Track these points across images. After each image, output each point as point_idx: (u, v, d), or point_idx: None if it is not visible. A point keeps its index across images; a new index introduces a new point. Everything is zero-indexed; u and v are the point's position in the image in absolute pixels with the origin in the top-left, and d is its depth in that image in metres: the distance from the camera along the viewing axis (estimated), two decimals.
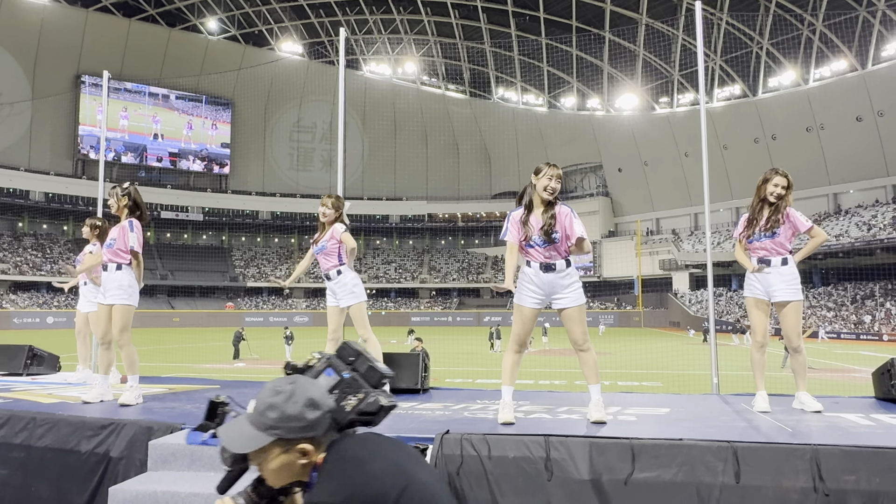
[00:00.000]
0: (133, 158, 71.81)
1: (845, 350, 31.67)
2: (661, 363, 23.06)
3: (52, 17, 61.98)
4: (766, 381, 5.04)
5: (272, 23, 69.36)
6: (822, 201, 56.37)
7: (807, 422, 4.32)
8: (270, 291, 72.84)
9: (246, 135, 75.92)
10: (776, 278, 4.86)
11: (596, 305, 69.03)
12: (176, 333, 45.06)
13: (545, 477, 3.49)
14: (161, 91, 72.47)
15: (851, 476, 3.25)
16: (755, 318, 4.98)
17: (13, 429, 4.34)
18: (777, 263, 4.87)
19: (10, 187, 63.50)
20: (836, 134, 53.57)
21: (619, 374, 19.07)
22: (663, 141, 64.35)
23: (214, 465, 3.63)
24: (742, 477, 3.33)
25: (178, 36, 68.61)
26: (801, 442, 3.45)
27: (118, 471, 3.94)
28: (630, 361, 24.11)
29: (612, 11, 57.63)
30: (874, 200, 53.58)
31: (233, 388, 6.44)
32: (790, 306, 4.82)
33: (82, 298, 7.29)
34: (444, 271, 77.09)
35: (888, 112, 50.21)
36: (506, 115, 73.46)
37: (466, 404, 5.19)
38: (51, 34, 62.71)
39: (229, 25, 69.42)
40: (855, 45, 49.88)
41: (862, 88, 50.70)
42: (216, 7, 66.68)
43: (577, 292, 4.38)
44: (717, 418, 4.48)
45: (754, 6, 51.67)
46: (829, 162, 54.80)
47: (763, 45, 54.58)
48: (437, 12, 65.46)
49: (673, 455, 3.43)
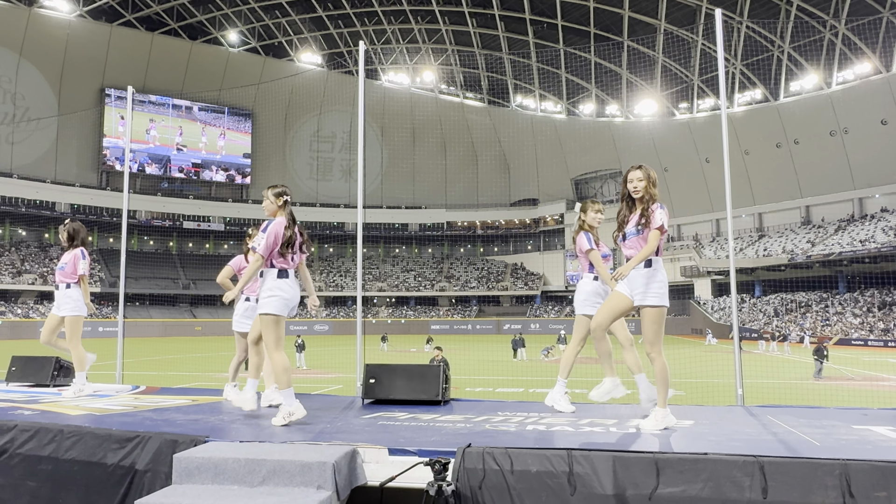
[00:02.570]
0: (157, 170, 72.86)
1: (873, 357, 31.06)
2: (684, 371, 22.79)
3: (77, 33, 63.25)
4: (797, 392, 4.98)
5: (292, 34, 70.10)
6: (847, 206, 55.49)
7: (835, 435, 4.24)
8: None
9: (266, 145, 76.68)
10: (639, 280, 4.56)
11: None
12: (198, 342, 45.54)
13: (568, 492, 3.47)
14: (184, 103, 73.53)
15: (883, 492, 3.19)
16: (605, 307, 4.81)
17: (41, 441, 4.40)
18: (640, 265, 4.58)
19: (36, 199, 64.77)
20: (860, 138, 52.75)
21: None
22: (683, 147, 63.83)
23: (238, 479, 3.65)
24: (769, 493, 3.28)
25: (200, 49, 69.62)
26: (830, 457, 3.39)
27: (143, 484, 3.98)
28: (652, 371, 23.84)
29: (631, 18, 57.41)
30: None
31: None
32: (645, 312, 4.54)
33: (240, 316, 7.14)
34: (464, 279, 77.02)
35: None
36: (524, 122, 73.41)
37: (488, 416, 5.18)
38: (76, 49, 63.99)
39: (249, 38, 70.29)
40: (879, 48, 49.15)
41: (887, 91, 49.91)
42: (237, 20, 67.58)
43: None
44: (742, 431, 4.42)
45: (775, 10, 51.16)
46: (853, 166, 53.96)
47: (784, 49, 53.99)
48: (455, 21, 65.72)
49: (698, 470, 3.39)
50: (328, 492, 3.52)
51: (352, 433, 4.48)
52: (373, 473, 3.84)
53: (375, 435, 4.40)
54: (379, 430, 4.64)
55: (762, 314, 53.46)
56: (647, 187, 4.63)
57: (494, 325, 67.31)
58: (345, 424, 4.88)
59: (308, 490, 3.53)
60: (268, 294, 5.06)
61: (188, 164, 74.81)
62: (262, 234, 5.20)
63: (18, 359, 8.00)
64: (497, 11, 62.01)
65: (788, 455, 3.50)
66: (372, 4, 63.52)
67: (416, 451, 3.86)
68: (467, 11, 63.25)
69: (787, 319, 50.06)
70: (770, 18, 51.49)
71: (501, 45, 66.85)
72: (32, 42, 61.39)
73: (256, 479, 3.64)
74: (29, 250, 64.23)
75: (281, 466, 3.64)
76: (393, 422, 4.98)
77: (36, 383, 7.48)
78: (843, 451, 3.60)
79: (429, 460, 3.48)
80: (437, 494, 3.34)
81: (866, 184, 54.00)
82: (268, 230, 5.20)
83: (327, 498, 3.48)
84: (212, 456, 3.76)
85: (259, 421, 5.07)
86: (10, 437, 4.49)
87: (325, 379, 20.55)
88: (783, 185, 58.34)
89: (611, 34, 59.60)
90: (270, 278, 5.13)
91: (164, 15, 65.60)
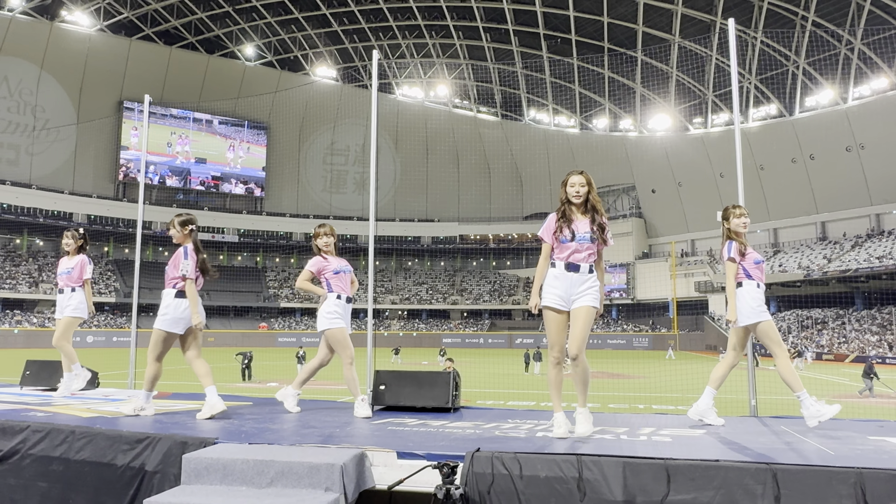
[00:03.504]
0: (177, 182, 73.65)
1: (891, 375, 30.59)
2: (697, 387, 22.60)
3: (97, 46, 64.29)
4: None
5: (307, 48, 70.83)
6: (864, 222, 54.96)
7: (850, 444, 4.18)
8: (303, 312, 73.46)
9: (281, 158, 77.32)
10: (581, 285, 4.48)
11: (630, 328, 68.06)
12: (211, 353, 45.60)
13: (577, 497, 3.44)
14: (204, 116, 74.42)
15: None
16: (551, 331, 4.58)
17: (53, 442, 4.43)
18: (585, 270, 4.51)
19: (54, 209, 65.57)
20: (877, 153, 52.34)
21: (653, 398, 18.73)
22: (697, 161, 63.62)
23: (246, 480, 3.65)
24: (782, 501, 3.23)
25: (217, 62, 70.51)
26: (845, 465, 3.34)
27: (153, 484, 3.99)
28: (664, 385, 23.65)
29: (645, 32, 57.51)
30: None
31: (265, 405, 6.50)
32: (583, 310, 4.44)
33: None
34: (476, 293, 76.90)
35: None
36: (537, 136, 73.52)
37: (497, 423, 5.15)
38: (96, 62, 65.02)
39: (265, 51, 71.11)
40: None
41: None
42: (253, 34, 68.42)
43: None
44: (755, 440, 4.36)
45: (790, 25, 51.05)
46: (870, 182, 53.49)
47: (799, 64, 53.81)
48: (469, 36, 66.13)
49: (710, 477, 3.35)
50: (336, 494, 3.50)
51: (360, 437, 4.47)
52: (381, 476, 3.83)
53: (384, 439, 4.38)
54: (388, 434, 4.63)
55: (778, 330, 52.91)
56: (591, 192, 4.65)
57: (506, 338, 67.06)
58: (354, 429, 4.87)
59: (316, 492, 3.53)
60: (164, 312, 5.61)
61: (208, 176, 75.60)
62: (185, 261, 5.69)
63: (33, 363, 8.08)
64: (511, 26, 62.35)
65: (802, 463, 3.44)
66: (387, 19, 64.09)
67: (424, 455, 3.84)
68: (481, 26, 63.64)
69: (804, 336, 49.48)
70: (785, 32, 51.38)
71: (515, 59, 67.15)
72: (53, 55, 62.46)
73: (265, 480, 3.64)
74: (46, 260, 64.94)
75: (289, 468, 3.64)
76: (402, 427, 4.97)
77: (50, 387, 7.54)
78: (859, 461, 3.53)
79: (437, 464, 3.46)
80: (445, 498, 3.32)
81: (883, 200, 53.49)
82: (188, 254, 5.75)
83: (335, 500, 3.46)
84: (220, 457, 3.77)
85: (268, 424, 5.07)
86: (23, 438, 4.52)
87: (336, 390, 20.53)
88: (798, 201, 57.92)
89: (625, 49, 59.74)
90: (169, 297, 5.64)
91: (182, 29, 66.56)
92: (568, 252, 4.57)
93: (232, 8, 63.29)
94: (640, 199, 73.29)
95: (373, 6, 62.27)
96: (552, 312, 4.53)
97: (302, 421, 5.30)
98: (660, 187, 70.11)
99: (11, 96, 63.05)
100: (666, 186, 69.41)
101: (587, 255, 4.55)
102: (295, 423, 5.13)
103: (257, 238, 76.38)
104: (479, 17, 62.48)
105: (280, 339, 63.05)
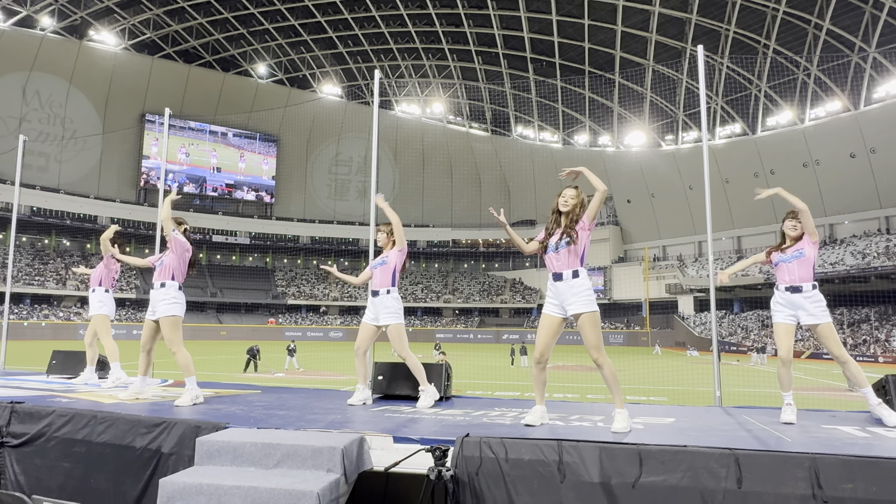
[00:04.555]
0: (194, 189, 73.34)
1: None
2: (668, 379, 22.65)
3: (121, 64, 64.00)
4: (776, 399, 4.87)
5: (314, 68, 70.73)
6: (819, 231, 54.99)
7: (806, 433, 4.19)
8: (308, 309, 73.24)
9: (290, 167, 77.19)
10: (567, 292, 4.41)
11: (607, 325, 68.23)
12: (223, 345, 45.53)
13: (558, 479, 3.44)
14: (220, 129, 74.15)
15: (849, 484, 3.14)
16: (539, 332, 4.53)
17: (76, 426, 4.40)
18: (568, 276, 4.44)
19: (81, 212, 65.20)
20: (831, 169, 52.70)
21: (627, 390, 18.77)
22: (669, 175, 63.86)
23: (255, 461, 3.64)
24: (744, 483, 3.24)
25: (232, 80, 70.31)
26: (801, 451, 3.35)
27: (168, 465, 3.97)
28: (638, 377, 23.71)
29: (622, 57, 57.72)
30: (866, 231, 52.47)
31: (273, 392, 6.47)
32: (583, 317, 4.37)
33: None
34: (467, 292, 76.87)
35: (880, 149, 49.32)
36: (524, 150, 73.63)
37: (485, 411, 5.14)
38: (120, 78, 64.72)
39: (276, 70, 70.96)
40: (848, 88, 49.23)
41: (855, 127, 49.92)
42: (265, 54, 68.28)
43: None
44: (719, 428, 4.37)
45: (753, 52, 51.39)
46: (824, 195, 53.82)
47: (761, 88, 54.15)
48: (463, 58, 66.20)
49: (678, 461, 3.35)
50: (337, 474, 3.49)
51: (360, 423, 4.46)
52: (378, 459, 3.82)
53: (382, 425, 4.37)
54: (385, 420, 4.61)
55: (740, 329, 53.14)
56: (576, 206, 4.51)
57: (494, 334, 67.03)
58: (354, 415, 4.86)
59: (319, 472, 3.51)
60: (172, 301, 5.61)
61: (222, 184, 75.30)
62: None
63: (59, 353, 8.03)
64: (501, 50, 62.49)
65: (762, 449, 3.45)
66: (388, 42, 64.10)
67: (418, 440, 3.84)
68: (474, 50, 63.74)
69: (763, 334, 49.71)
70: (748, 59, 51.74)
71: (504, 80, 67.29)
72: (81, 72, 62.17)
73: (271, 462, 3.62)
74: (72, 259, 64.51)
75: (294, 450, 3.62)
76: (398, 414, 4.95)
77: (75, 376, 7.48)
78: (813, 447, 3.54)
79: (430, 447, 3.46)
80: (437, 479, 3.32)
81: (836, 211, 53.84)
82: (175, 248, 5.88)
83: (336, 480, 3.45)
84: (231, 440, 3.75)
85: (275, 410, 5.05)
86: (48, 422, 4.49)
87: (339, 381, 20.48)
88: (760, 211, 58.22)
89: (604, 72, 59.99)
90: (174, 289, 5.70)
91: (200, 49, 66.37)
92: (549, 263, 4.55)
93: (246, 30, 63.17)
94: (617, 209, 73.50)
95: (375, 30, 62.26)
96: (545, 316, 4.53)
97: (306, 408, 5.28)
98: (635, 198, 70.34)
99: (42, 108, 62.71)
100: (640, 197, 69.64)
101: (566, 261, 4.45)
102: (300, 410, 5.11)
103: (267, 241, 76.14)
104: (471, 42, 62.58)
105: (287, 333, 62.80)
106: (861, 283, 46.78)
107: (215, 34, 63.80)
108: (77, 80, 62.42)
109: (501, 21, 58.48)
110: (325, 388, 7.19)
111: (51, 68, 60.45)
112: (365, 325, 5.75)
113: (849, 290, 47.28)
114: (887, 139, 48.30)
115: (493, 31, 59.80)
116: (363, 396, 5.60)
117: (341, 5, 58.13)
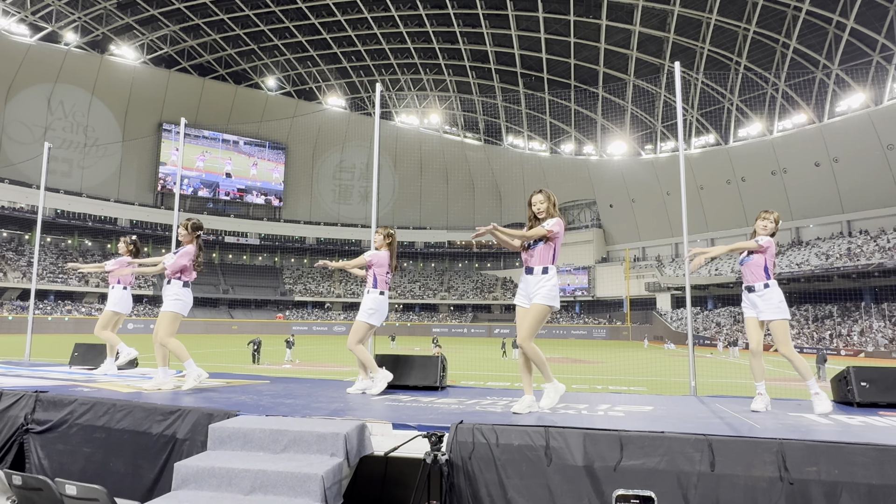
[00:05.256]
0: (208, 193, 73.11)
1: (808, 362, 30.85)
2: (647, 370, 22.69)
3: (140, 76, 63.77)
4: (747, 389, 4.91)
5: (320, 81, 70.63)
6: (786, 234, 55.53)
7: (773, 420, 4.21)
8: (314, 305, 73.11)
9: (297, 173, 77.05)
10: (535, 285, 4.48)
11: (590, 321, 68.35)
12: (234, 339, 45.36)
13: (545, 463, 3.44)
14: (233, 137, 73.93)
15: (813, 467, 3.16)
16: (517, 324, 4.57)
17: (97, 413, 4.38)
18: (538, 272, 4.50)
19: (102, 215, 64.93)
20: (797, 177, 52.93)
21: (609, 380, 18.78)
22: (648, 181, 64.03)
23: (263, 446, 3.63)
24: (717, 466, 3.25)
25: (243, 92, 70.12)
26: (769, 436, 3.37)
27: (183, 450, 3.95)
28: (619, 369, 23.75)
29: (605, 73, 57.87)
30: (830, 234, 52.75)
31: (280, 383, 6.45)
32: (534, 306, 4.42)
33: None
34: (461, 290, 76.87)
35: (842, 158, 49.57)
36: (514, 158, 73.70)
37: (478, 400, 5.14)
38: (139, 90, 64.48)
39: (285, 83, 70.82)
40: (813, 102, 49.48)
41: (819, 138, 50.17)
42: (274, 68, 68.14)
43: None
44: (694, 415, 4.39)
45: (725, 68, 51.61)
46: (791, 200, 54.06)
47: (734, 101, 54.35)
48: (458, 73, 66.22)
49: (656, 446, 3.36)
50: (340, 458, 3.49)
51: (362, 410, 4.45)
52: (378, 444, 3.81)
53: (382, 412, 4.37)
54: (385, 408, 4.61)
55: (714, 324, 53.32)
56: (549, 208, 4.57)
57: (486, 329, 67.05)
58: (356, 404, 4.85)
59: (323, 457, 3.51)
60: (174, 298, 5.53)
61: (234, 188, 75.06)
62: (178, 257, 5.58)
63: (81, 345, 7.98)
64: (493, 66, 62.54)
65: (733, 434, 3.47)
66: (388, 58, 64.06)
67: (415, 426, 3.83)
68: (468, 65, 63.77)
69: (735, 329, 49.89)
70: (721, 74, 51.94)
71: (496, 93, 67.37)
72: (102, 83, 61.92)
73: (279, 447, 3.61)
74: (94, 258, 64.19)
75: (300, 436, 3.62)
76: (397, 403, 4.95)
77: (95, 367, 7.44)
78: (780, 433, 3.57)
79: (427, 433, 3.46)
80: (432, 463, 3.32)
81: (802, 216, 54.08)
82: (184, 254, 5.60)
83: (339, 464, 3.45)
84: (241, 427, 3.74)
85: (283, 399, 5.04)
86: (70, 410, 4.46)
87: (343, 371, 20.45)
88: (731, 215, 58.44)
89: (588, 86, 60.13)
90: (177, 286, 5.56)
91: (214, 63, 66.18)
92: (524, 258, 4.62)
93: (257, 46, 63.02)
94: (600, 213, 73.65)
95: (377, 47, 62.20)
96: (517, 307, 4.59)
97: (312, 396, 5.26)
98: (616, 202, 70.49)
99: (66, 118, 62.40)
100: (621, 202, 69.80)
101: (538, 258, 4.51)
102: (306, 399, 5.10)
103: (276, 241, 75.97)
104: (466, 58, 62.61)
105: (294, 327, 62.80)
106: (825, 281, 47.02)
107: (228, 49, 63.63)
108: (99, 91, 62.15)
109: (494, 39, 58.54)
110: (329, 379, 7.18)
111: (74, 80, 60.18)
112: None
113: (814, 288, 47.52)
114: (849, 149, 48.56)
115: (486, 48, 59.85)
116: (362, 386, 5.60)
117: (345, 23, 58.09)
